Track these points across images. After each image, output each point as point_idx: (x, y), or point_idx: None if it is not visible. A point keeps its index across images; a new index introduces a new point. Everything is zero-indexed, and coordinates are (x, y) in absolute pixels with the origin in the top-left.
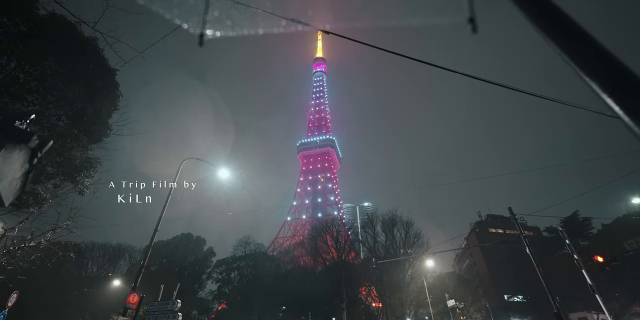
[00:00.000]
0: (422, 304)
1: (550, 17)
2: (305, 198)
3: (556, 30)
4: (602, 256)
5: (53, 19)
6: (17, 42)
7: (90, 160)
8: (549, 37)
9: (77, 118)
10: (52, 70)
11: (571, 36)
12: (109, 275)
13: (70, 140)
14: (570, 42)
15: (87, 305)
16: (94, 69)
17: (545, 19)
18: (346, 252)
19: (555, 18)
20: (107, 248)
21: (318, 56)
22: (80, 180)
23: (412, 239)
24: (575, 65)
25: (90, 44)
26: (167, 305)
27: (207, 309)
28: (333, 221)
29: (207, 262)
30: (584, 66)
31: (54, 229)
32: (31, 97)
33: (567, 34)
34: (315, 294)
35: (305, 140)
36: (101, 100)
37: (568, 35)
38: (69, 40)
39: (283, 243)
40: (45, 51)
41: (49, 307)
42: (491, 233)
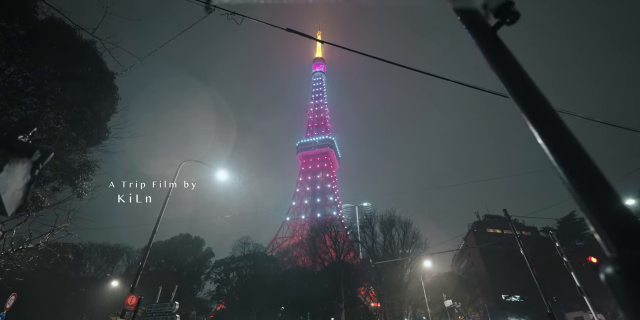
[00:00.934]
0: (420, 304)
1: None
2: (305, 198)
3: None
4: (596, 257)
5: (52, 23)
6: (15, 46)
7: (89, 163)
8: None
9: (75, 121)
10: (50, 74)
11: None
12: (107, 275)
13: (68, 143)
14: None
15: (85, 306)
16: (92, 72)
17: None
18: (345, 253)
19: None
20: (106, 248)
21: (317, 56)
22: (78, 184)
23: (411, 240)
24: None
25: (88, 47)
26: (165, 307)
27: (206, 309)
28: (332, 221)
29: (206, 263)
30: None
31: (52, 231)
32: (30, 101)
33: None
34: (314, 294)
35: (305, 141)
36: (100, 104)
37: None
38: (67, 44)
39: (282, 243)
40: (43, 55)
41: (47, 308)
42: (489, 233)
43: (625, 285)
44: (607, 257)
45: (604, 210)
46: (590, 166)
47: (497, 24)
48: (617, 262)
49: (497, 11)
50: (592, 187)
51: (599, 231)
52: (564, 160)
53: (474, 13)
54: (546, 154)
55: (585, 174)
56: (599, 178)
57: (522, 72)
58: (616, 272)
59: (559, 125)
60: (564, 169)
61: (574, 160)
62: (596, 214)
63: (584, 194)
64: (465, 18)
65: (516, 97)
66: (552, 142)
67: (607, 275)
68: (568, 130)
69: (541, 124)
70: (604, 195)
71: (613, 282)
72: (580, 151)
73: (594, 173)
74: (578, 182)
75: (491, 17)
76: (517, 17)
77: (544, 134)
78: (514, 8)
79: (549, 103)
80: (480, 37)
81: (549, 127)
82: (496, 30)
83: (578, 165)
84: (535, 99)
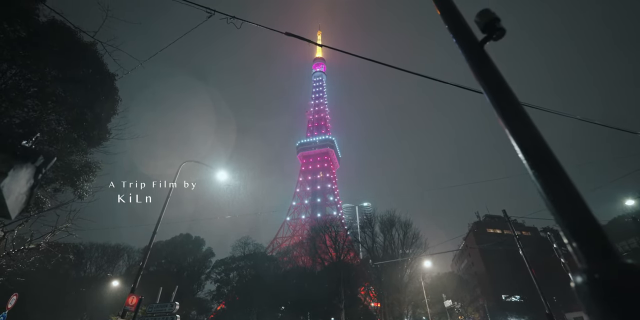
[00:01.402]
0: (420, 304)
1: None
2: (305, 198)
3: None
4: None
5: (53, 25)
6: (17, 49)
7: (90, 164)
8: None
9: (76, 123)
10: (51, 76)
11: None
12: (107, 275)
13: (70, 145)
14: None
15: (86, 305)
16: (93, 74)
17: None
18: (345, 253)
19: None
20: (106, 248)
21: (317, 56)
22: (79, 185)
23: (411, 240)
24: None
25: (89, 49)
26: (165, 308)
27: (206, 309)
28: (332, 221)
29: (206, 263)
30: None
31: (53, 231)
32: (31, 103)
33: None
34: (314, 294)
35: (305, 141)
36: (101, 105)
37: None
38: (68, 46)
39: (282, 243)
40: (45, 57)
41: (47, 308)
42: (489, 233)
43: (592, 295)
44: (578, 268)
45: (576, 224)
46: (566, 183)
47: (485, 38)
48: (586, 272)
49: (485, 27)
50: (566, 202)
51: (571, 243)
52: (542, 175)
53: (463, 27)
54: (526, 168)
55: (560, 190)
56: (574, 194)
57: (506, 86)
58: (585, 282)
59: (537, 141)
60: (541, 183)
61: (552, 177)
62: (569, 227)
63: (559, 208)
64: (455, 32)
65: (499, 109)
66: (531, 157)
67: (577, 285)
68: (547, 146)
69: (522, 139)
70: (576, 210)
71: (582, 291)
72: (558, 168)
73: (569, 189)
74: (554, 197)
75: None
76: (502, 33)
77: (524, 148)
78: (500, 25)
79: (529, 118)
80: (469, 51)
81: (528, 143)
82: (483, 44)
83: (555, 181)
84: (516, 113)
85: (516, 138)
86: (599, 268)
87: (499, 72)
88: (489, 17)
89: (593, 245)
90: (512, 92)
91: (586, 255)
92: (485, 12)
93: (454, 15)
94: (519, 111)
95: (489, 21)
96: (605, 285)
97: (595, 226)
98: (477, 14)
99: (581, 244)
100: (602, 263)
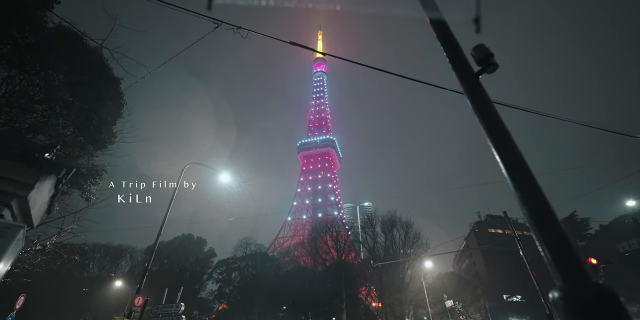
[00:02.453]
0: (421, 304)
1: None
2: (306, 198)
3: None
4: (596, 258)
5: (60, 31)
6: (25, 55)
7: (96, 167)
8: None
9: (83, 127)
10: (58, 81)
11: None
12: (110, 275)
13: (77, 149)
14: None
15: (89, 305)
16: (99, 79)
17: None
18: (346, 253)
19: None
20: (109, 249)
21: (318, 56)
22: (86, 188)
23: (412, 240)
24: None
25: (95, 54)
26: (171, 308)
27: (208, 309)
28: (333, 222)
29: (208, 263)
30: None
31: (59, 232)
32: (40, 108)
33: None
34: (316, 294)
35: (305, 141)
36: (107, 110)
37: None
38: (75, 52)
39: (283, 243)
40: (53, 63)
41: (51, 308)
42: (490, 233)
43: (567, 309)
44: (555, 285)
45: (555, 249)
46: (550, 214)
47: (480, 71)
48: (561, 290)
49: (480, 61)
50: (549, 231)
51: (550, 264)
52: (526, 200)
53: (462, 60)
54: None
55: (544, 221)
56: (555, 225)
57: (496, 114)
58: (559, 298)
59: (522, 167)
60: (526, 209)
61: (535, 204)
62: (549, 251)
63: (542, 235)
64: (454, 63)
65: (489, 135)
66: (521, 192)
67: (553, 299)
68: (533, 178)
69: (509, 165)
70: (556, 238)
71: (557, 305)
72: (540, 195)
73: (552, 220)
74: (538, 228)
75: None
76: (495, 68)
77: (511, 177)
78: (494, 60)
79: (515, 144)
80: (465, 81)
81: (515, 170)
82: (478, 76)
83: (538, 206)
84: (505, 140)
85: (506, 166)
86: (573, 287)
87: (490, 102)
88: (484, 52)
89: (568, 267)
90: (501, 119)
91: (562, 275)
92: (480, 47)
93: (454, 48)
94: (507, 138)
95: (484, 56)
96: (577, 301)
97: (570, 251)
98: (473, 48)
99: (558, 266)
100: (575, 282)
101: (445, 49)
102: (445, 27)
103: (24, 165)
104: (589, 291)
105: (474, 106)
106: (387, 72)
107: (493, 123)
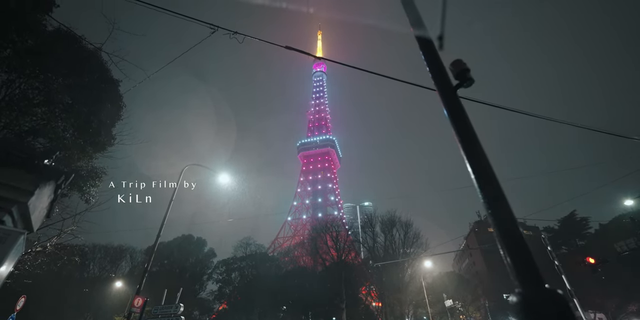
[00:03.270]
0: (421, 304)
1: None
2: (306, 198)
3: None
4: (594, 258)
5: (59, 34)
6: (25, 58)
7: (96, 170)
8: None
9: (82, 130)
10: (58, 84)
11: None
12: (110, 276)
13: (76, 151)
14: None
15: (89, 306)
16: (98, 81)
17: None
18: (346, 253)
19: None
20: (109, 249)
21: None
22: (86, 190)
23: (412, 240)
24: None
25: (94, 56)
26: (170, 309)
27: (208, 309)
28: (333, 222)
29: (208, 263)
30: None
31: (59, 234)
32: (40, 111)
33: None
34: (316, 294)
35: (305, 141)
36: (106, 112)
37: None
38: (74, 55)
39: (283, 243)
40: (52, 66)
41: (51, 309)
42: (490, 233)
43: (523, 311)
44: (514, 290)
45: (517, 259)
46: (512, 224)
47: (457, 85)
48: (519, 295)
49: (457, 75)
50: (512, 245)
51: (512, 272)
52: (494, 215)
53: (442, 74)
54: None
55: (508, 231)
56: (519, 239)
57: (469, 125)
58: (518, 302)
59: (491, 179)
60: (493, 223)
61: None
62: (512, 261)
63: (506, 247)
64: (435, 77)
65: (462, 143)
66: (489, 205)
67: (512, 303)
68: (498, 185)
69: (479, 176)
70: (519, 249)
71: (515, 308)
72: (507, 210)
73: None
74: (500, 235)
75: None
76: (471, 83)
77: (481, 188)
78: (469, 75)
79: (486, 157)
80: (444, 93)
81: (484, 179)
82: (456, 89)
83: (505, 220)
84: (476, 152)
85: (476, 177)
86: (528, 292)
87: (465, 113)
88: (461, 67)
89: (525, 275)
90: (474, 130)
91: (520, 282)
92: (457, 62)
93: (436, 63)
94: (478, 149)
95: (461, 71)
96: (535, 306)
97: (530, 262)
98: (451, 63)
99: (518, 273)
100: (531, 289)
101: (427, 61)
102: (429, 43)
103: (24, 172)
104: (542, 297)
105: (450, 116)
106: (386, 77)
107: (467, 136)
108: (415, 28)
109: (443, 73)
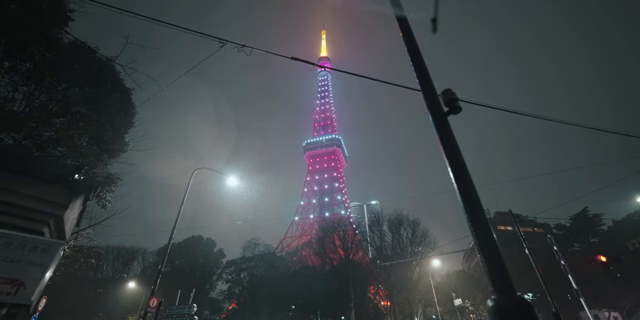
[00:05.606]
0: (430, 303)
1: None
2: (313, 198)
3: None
4: (605, 256)
5: (74, 46)
6: (44, 71)
7: (111, 176)
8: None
9: (98, 138)
10: (74, 94)
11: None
12: (123, 277)
13: (92, 159)
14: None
15: (103, 306)
16: (112, 91)
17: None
18: (354, 252)
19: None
20: (121, 251)
21: (322, 55)
22: (103, 195)
23: (419, 238)
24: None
25: (107, 66)
26: (184, 309)
27: (218, 308)
28: (340, 221)
29: (218, 263)
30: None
31: (76, 237)
32: (59, 121)
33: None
34: (324, 294)
35: (311, 140)
36: (120, 120)
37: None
38: (89, 66)
39: (291, 243)
40: (70, 77)
41: (67, 309)
42: (500, 231)
43: (497, 316)
44: (490, 297)
45: (493, 268)
46: (490, 237)
47: (447, 111)
48: (495, 301)
49: (447, 103)
50: (489, 255)
51: (489, 280)
52: (474, 227)
53: (435, 100)
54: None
55: (487, 244)
56: (495, 250)
57: (457, 149)
58: (493, 307)
59: (472, 195)
60: (474, 235)
61: (481, 232)
62: (489, 270)
63: (484, 257)
64: (428, 102)
65: (450, 165)
66: (472, 219)
67: (488, 308)
68: (478, 200)
69: (462, 193)
70: (494, 260)
71: (491, 312)
72: (484, 224)
73: (492, 243)
74: (480, 247)
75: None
76: (459, 111)
77: (466, 205)
78: (458, 104)
79: (469, 177)
80: (436, 118)
81: (467, 196)
82: (447, 116)
83: (484, 233)
84: (462, 174)
85: (460, 193)
86: (501, 299)
87: (454, 139)
88: (450, 96)
89: (499, 284)
90: (460, 153)
91: (496, 289)
92: (447, 92)
93: (430, 89)
94: (464, 171)
95: (450, 100)
96: (505, 311)
97: (504, 271)
98: (442, 92)
99: (494, 282)
100: (504, 296)
101: (422, 86)
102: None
103: (61, 188)
104: (512, 303)
105: (441, 140)
106: (388, 83)
107: (454, 157)
108: (414, 64)
109: (435, 99)
